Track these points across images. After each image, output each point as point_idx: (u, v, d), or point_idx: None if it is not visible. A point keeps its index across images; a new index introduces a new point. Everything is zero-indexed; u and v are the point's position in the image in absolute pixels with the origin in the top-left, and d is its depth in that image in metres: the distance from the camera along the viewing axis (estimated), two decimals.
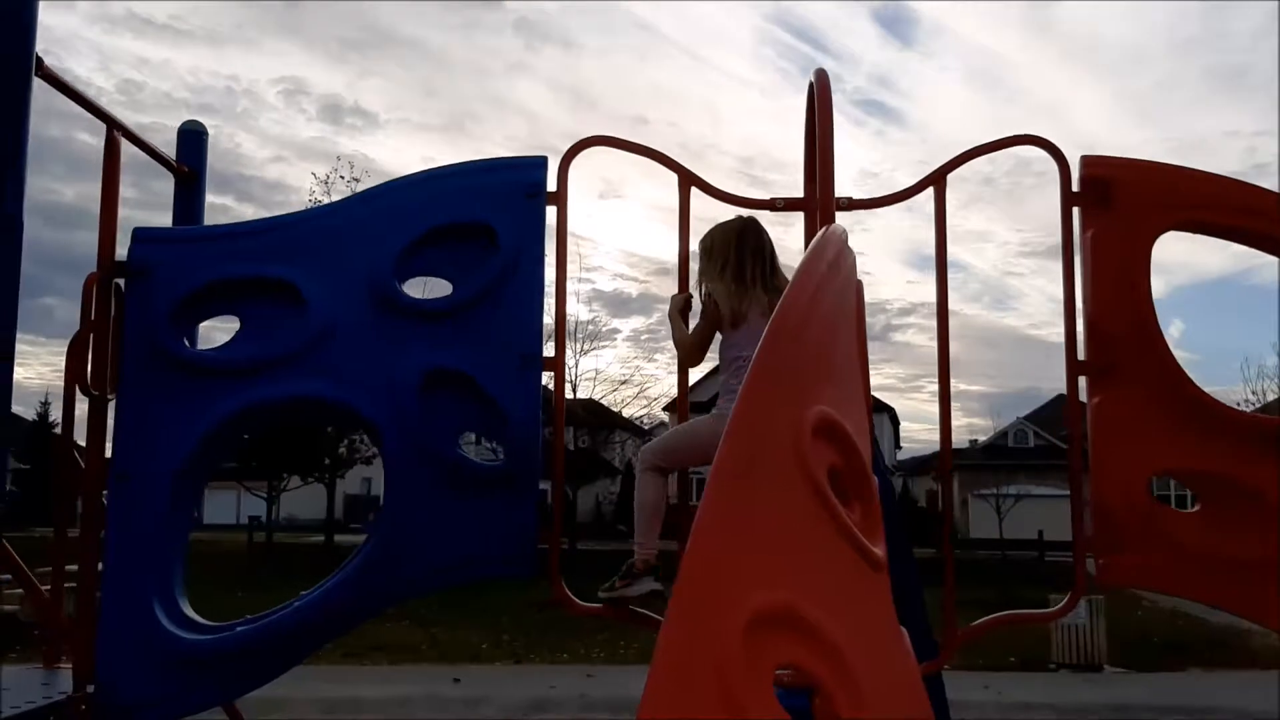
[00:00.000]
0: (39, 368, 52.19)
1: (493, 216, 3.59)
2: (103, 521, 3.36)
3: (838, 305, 2.57)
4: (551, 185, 3.69)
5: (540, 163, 3.67)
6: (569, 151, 3.73)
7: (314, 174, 24.52)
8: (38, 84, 3.04)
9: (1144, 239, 3.65)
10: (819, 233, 2.81)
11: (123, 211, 3.52)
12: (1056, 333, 3.76)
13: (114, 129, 3.47)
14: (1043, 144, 3.74)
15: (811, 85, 3.46)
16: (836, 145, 3.23)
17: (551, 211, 3.69)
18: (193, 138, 4.08)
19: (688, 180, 3.79)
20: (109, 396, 3.39)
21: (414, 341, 3.50)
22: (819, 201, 3.20)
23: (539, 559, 3.52)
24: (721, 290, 3.66)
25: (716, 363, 3.80)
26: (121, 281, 3.44)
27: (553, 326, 3.76)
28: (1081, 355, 3.63)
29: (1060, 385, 3.83)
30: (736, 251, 3.67)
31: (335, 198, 23.72)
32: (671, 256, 3.89)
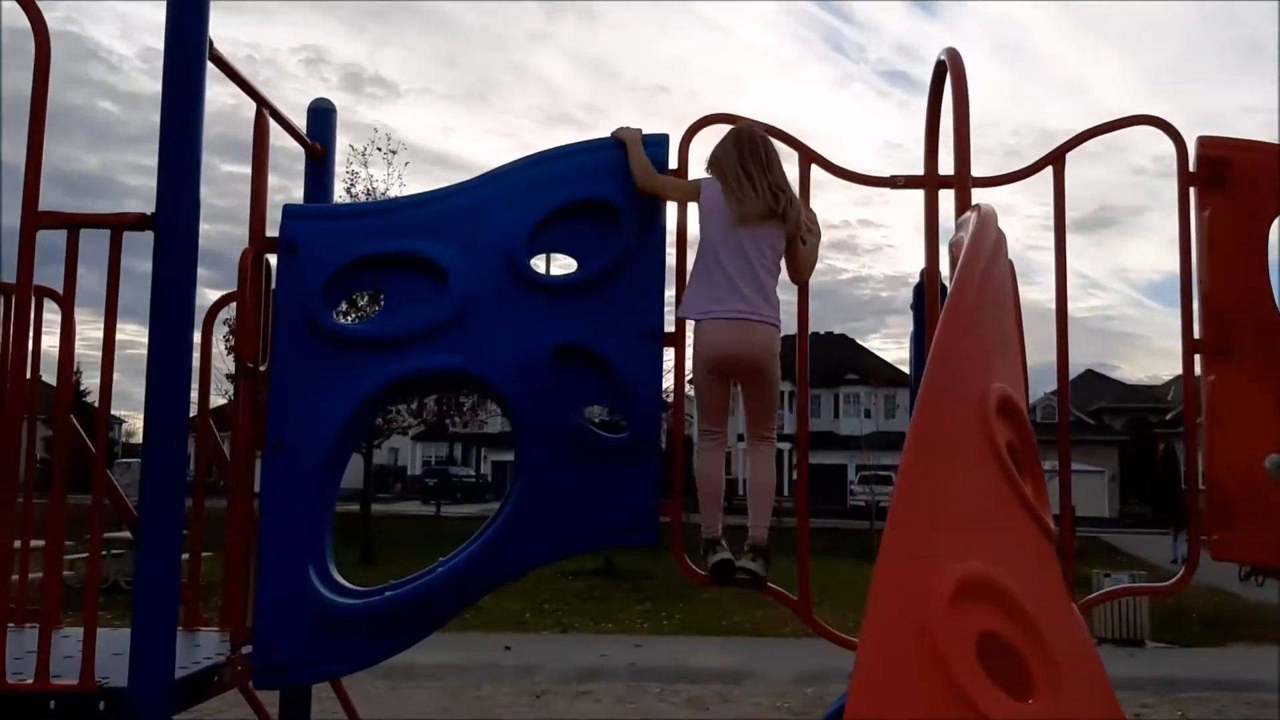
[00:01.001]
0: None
1: (616, 194, 3.67)
2: (252, 489, 3.47)
3: (1002, 282, 2.64)
4: (673, 162, 3.76)
5: (662, 140, 3.74)
6: (691, 128, 3.80)
7: (351, 145, 24.43)
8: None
9: (1261, 219, 3.69)
10: (971, 211, 2.87)
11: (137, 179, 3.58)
12: (1082, 307, 3.86)
13: (263, 108, 3.56)
14: (1161, 124, 3.78)
15: (941, 63, 3.51)
16: (858, 116, 3.27)
17: None
18: (322, 115, 4.16)
19: (808, 157, 3.84)
20: (261, 367, 3.51)
21: (544, 317, 3.59)
22: (956, 179, 3.26)
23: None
24: (729, 187, 3.63)
25: None
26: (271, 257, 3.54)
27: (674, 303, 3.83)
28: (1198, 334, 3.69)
29: (1086, 360, 3.93)
30: (736, 153, 3.67)
31: (372, 169, 23.91)
32: None
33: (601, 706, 9.00)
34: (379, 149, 24.32)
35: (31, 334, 3.52)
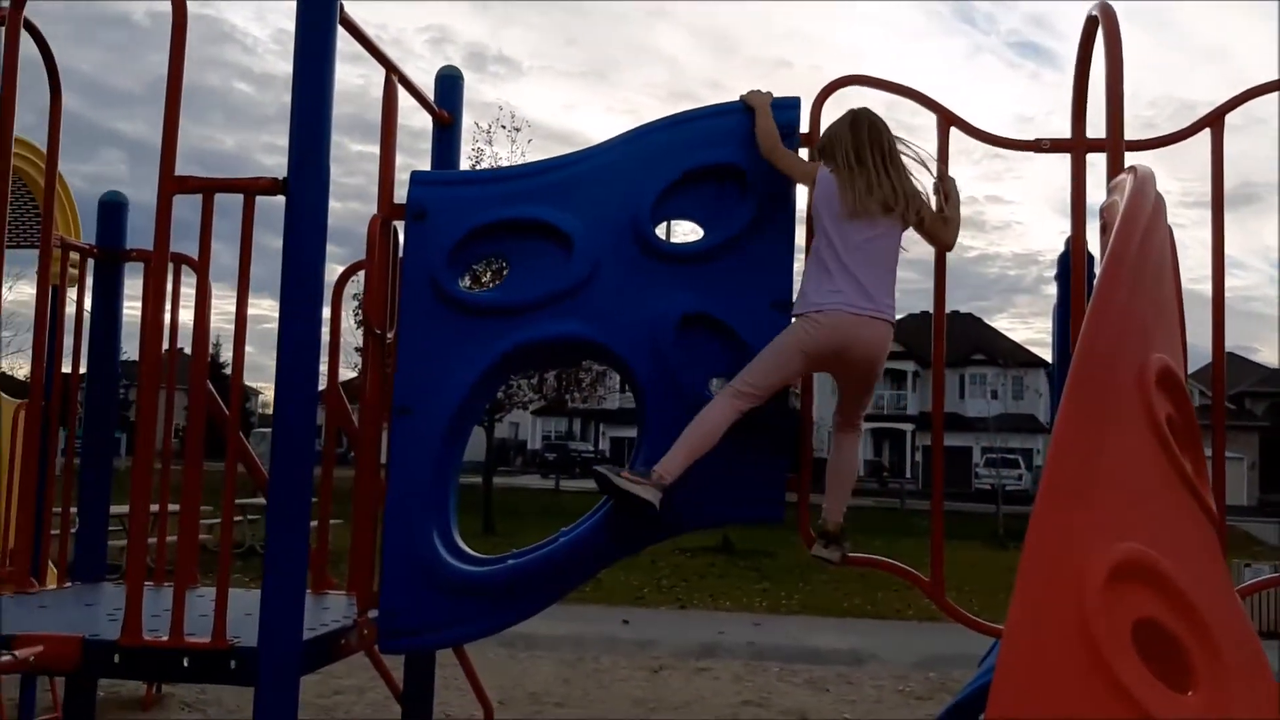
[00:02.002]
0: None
1: (745, 159, 3.57)
2: (377, 454, 3.50)
3: (1162, 247, 2.47)
4: (804, 126, 3.65)
5: (794, 103, 3.63)
6: (823, 91, 3.68)
7: (476, 123, 24.77)
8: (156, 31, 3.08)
9: None
10: (1127, 173, 2.69)
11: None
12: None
13: (392, 74, 3.56)
14: None
15: (1091, 18, 3.31)
16: (988, 89, 3.09)
17: (804, 153, 3.65)
18: (449, 83, 4.15)
19: (946, 120, 3.69)
20: (388, 334, 3.53)
21: (670, 285, 3.52)
22: (1108, 141, 3.07)
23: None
24: (843, 177, 3.45)
25: None
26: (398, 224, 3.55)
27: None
28: None
29: (1226, 343, 3.67)
30: (852, 137, 3.49)
31: (497, 147, 24.20)
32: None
33: (720, 684, 8.97)
34: (503, 126, 24.59)
35: (169, 301, 3.61)
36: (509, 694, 8.13)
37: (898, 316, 3.49)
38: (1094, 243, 3.69)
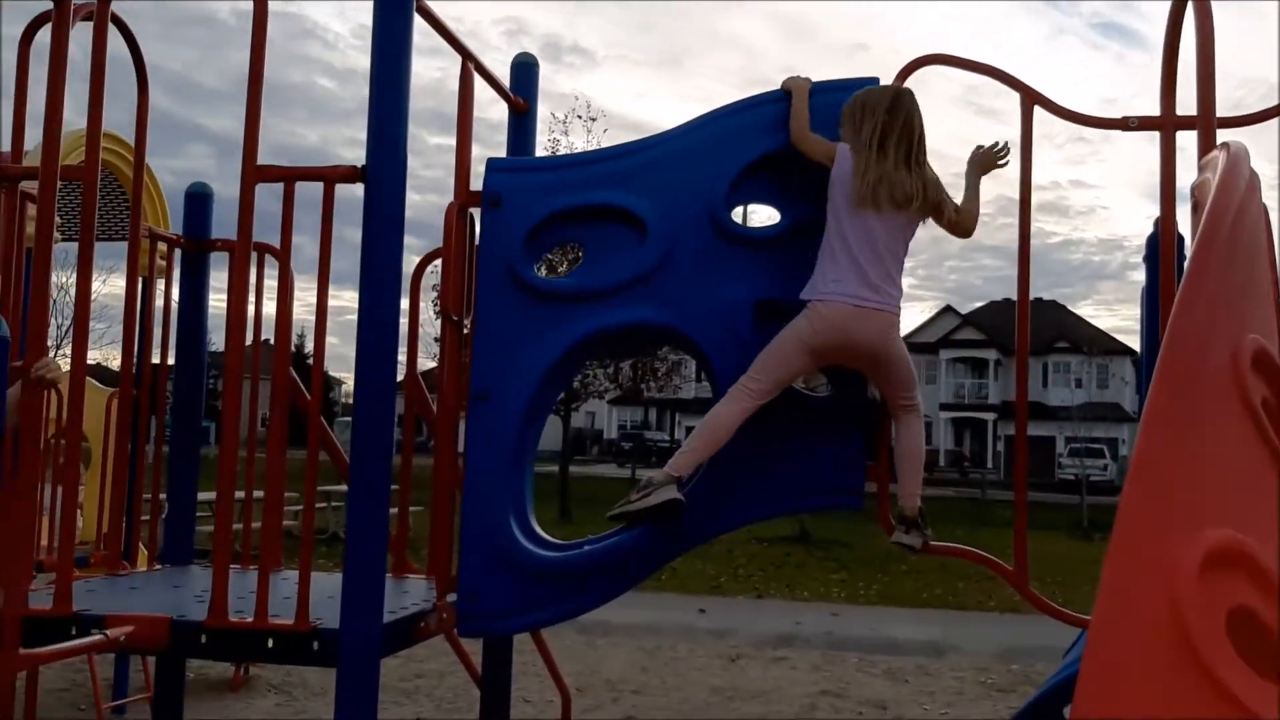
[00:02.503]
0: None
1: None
2: (455, 440, 3.53)
3: (1256, 226, 2.39)
4: None
5: (870, 84, 3.57)
6: (903, 71, 3.61)
7: (552, 114, 24.89)
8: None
9: None
10: (1219, 150, 2.61)
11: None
12: None
13: (468, 62, 3.58)
14: None
15: None
16: (1071, 71, 2.99)
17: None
18: (525, 70, 4.17)
19: (1030, 98, 3.60)
20: (464, 320, 3.56)
21: (745, 270, 3.50)
22: (1199, 118, 2.98)
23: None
24: (858, 151, 3.37)
25: None
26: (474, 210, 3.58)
27: None
28: None
29: None
30: (886, 119, 3.38)
31: (573, 137, 24.29)
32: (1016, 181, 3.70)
33: (798, 674, 8.91)
34: (579, 116, 24.66)
35: (253, 290, 3.68)
36: (586, 681, 8.17)
37: (977, 304, 3.48)
38: (1184, 224, 3.59)
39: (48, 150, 2.69)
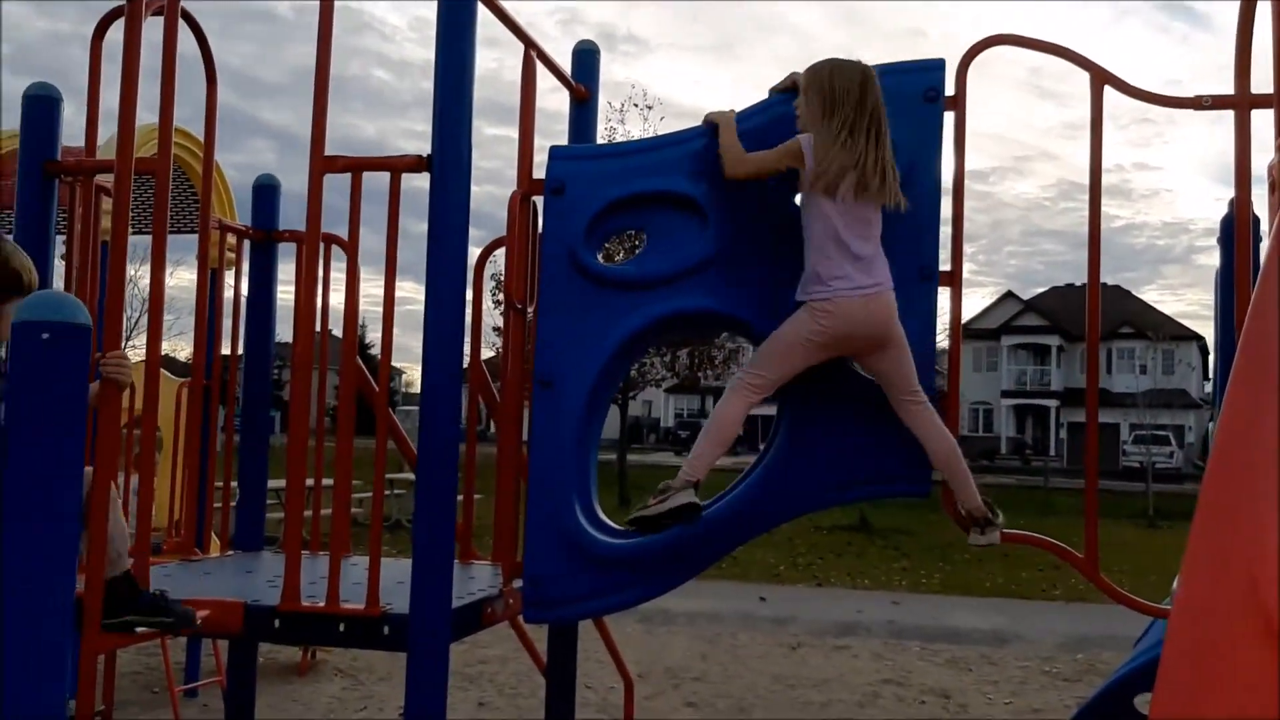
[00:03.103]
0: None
1: (889, 124, 3.49)
2: (520, 427, 3.56)
3: None
4: (949, 89, 3.54)
5: (938, 65, 3.52)
6: (969, 52, 3.56)
7: (609, 103, 24.92)
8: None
9: None
10: None
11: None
12: None
13: (530, 49, 3.60)
14: None
15: None
16: (1135, 54, 2.93)
17: (949, 117, 3.55)
18: (586, 57, 4.18)
19: (1100, 78, 3.53)
20: (528, 308, 3.58)
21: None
22: (1276, 96, 2.91)
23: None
24: (826, 141, 3.26)
25: None
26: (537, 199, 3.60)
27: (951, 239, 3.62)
28: None
29: None
30: (859, 102, 3.28)
31: (630, 126, 24.29)
32: (1079, 165, 3.63)
33: (859, 662, 8.88)
34: (635, 105, 24.64)
35: (321, 281, 3.72)
36: (647, 668, 8.20)
37: (1039, 289, 3.38)
38: (1259, 205, 3.51)
39: (123, 143, 2.74)
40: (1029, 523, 3.54)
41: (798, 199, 3.45)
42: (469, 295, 3.67)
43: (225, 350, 4.48)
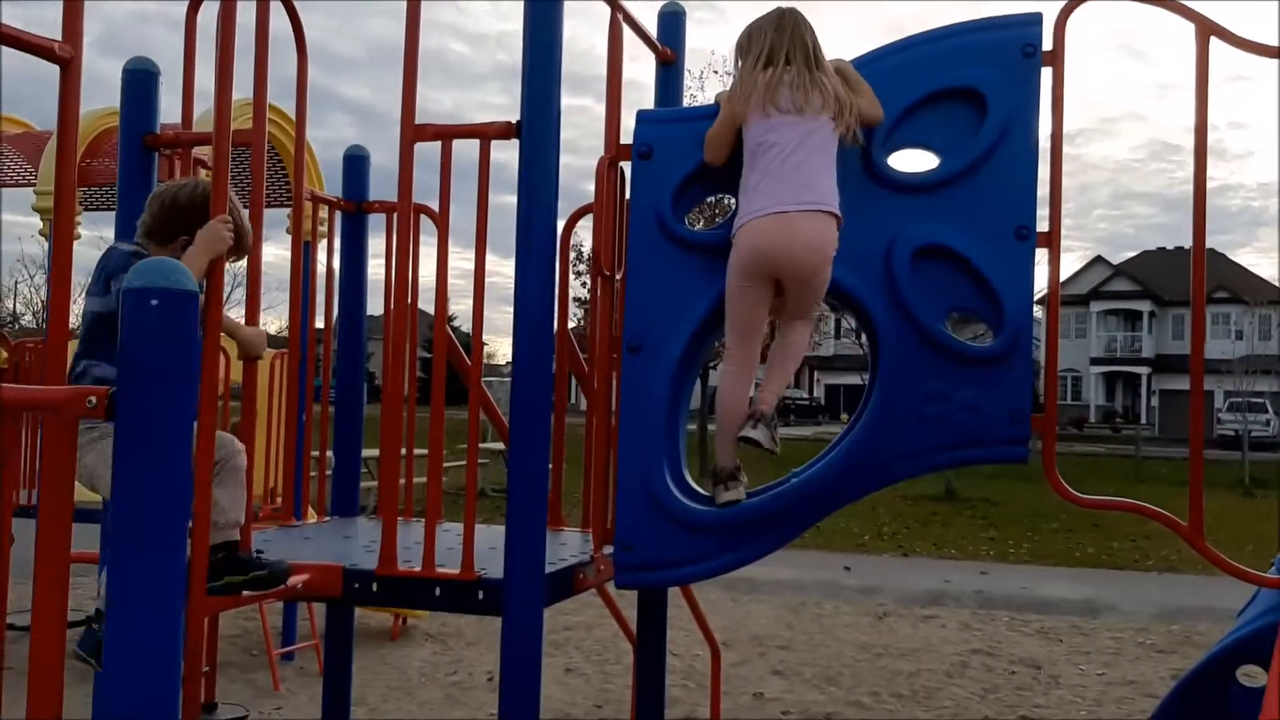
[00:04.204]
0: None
1: (983, 80, 3.41)
2: (609, 394, 3.56)
3: None
4: (1046, 44, 3.44)
5: (1035, 19, 3.42)
6: (1069, 5, 3.44)
7: (689, 69, 24.73)
8: None
9: None
10: None
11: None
12: None
13: (616, 12, 3.57)
14: None
15: None
16: (1233, 5, 2.75)
17: (1046, 73, 3.45)
18: (671, 20, 4.12)
19: (1205, 29, 3.40)
20: (616, 275, 3.57)
21: (903, 217, 3.42)
22: None
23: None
24: (744, 72, 3.39)
25: None
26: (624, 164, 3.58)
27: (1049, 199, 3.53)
28: None
29: None
30: (775, 33, 3.38)
31: (709, 92, 24.10)
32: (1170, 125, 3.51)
33: (947, 632, 8.79)
34: (715, 71, 24.44)
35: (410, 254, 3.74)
36: (732, 636, 8.20)
37: (1129, 254, 3.27)
38: None
39: (220, 115, 2.78)
40: (1121, 492, 3.45)
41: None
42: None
43: (319, 322, 4.55)
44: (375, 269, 4.41)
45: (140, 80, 3.37)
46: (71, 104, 2.17)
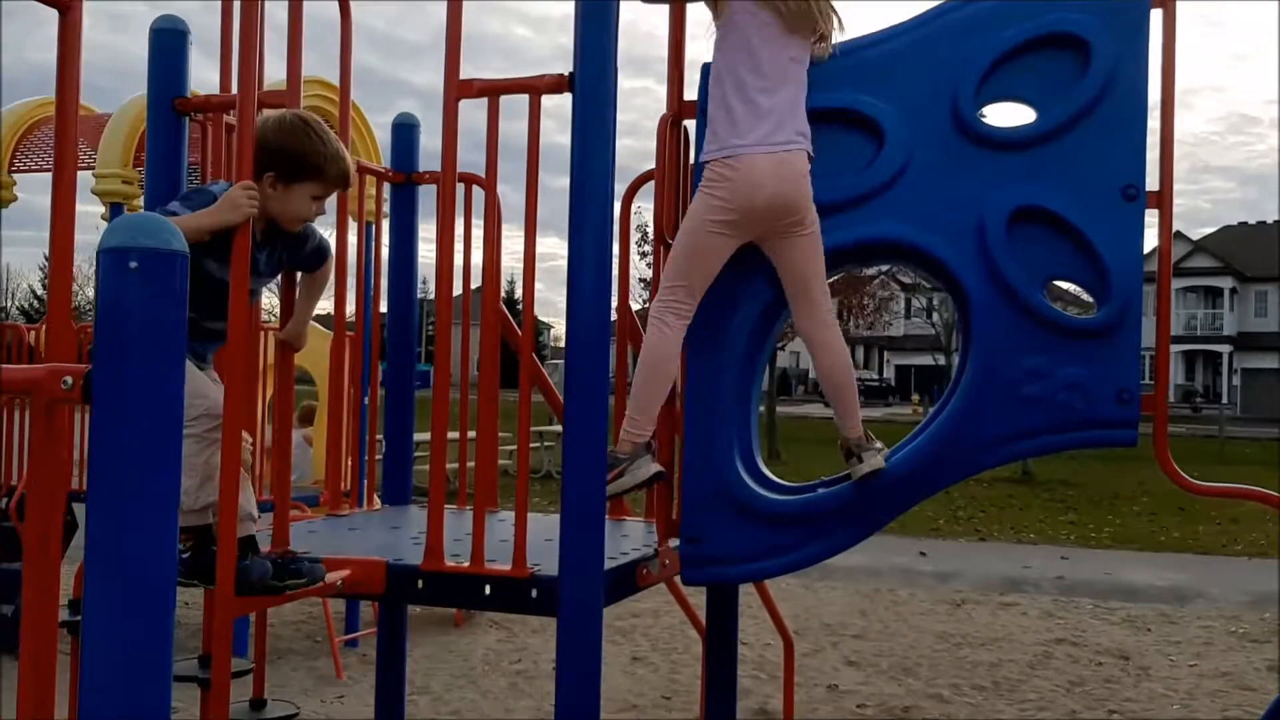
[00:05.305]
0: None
1: (1085, 25, 3.07)
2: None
3: None
4: None
5: None
6: None
7: None
8: None
9: None
10: None
11: None
12: None
13: None
14: None
15: None
16: None
17: (1156, 17, 3.10)
18: None
19: None
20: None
21: (997, 176, 3.09)
22: None
23: None
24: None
25: None
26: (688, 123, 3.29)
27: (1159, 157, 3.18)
28: None
29: None
30: None
31: None
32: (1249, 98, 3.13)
33: (1028, 620, 8.46)
34: None
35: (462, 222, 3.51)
36: (804, 624, 7.98)
37: (1208, 229, 2.93)
38: None
39: (244, 78, 2.57)
40: (1204, 475, 3.18)
41: None
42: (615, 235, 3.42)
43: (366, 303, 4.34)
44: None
45: (167, 39, 3.14)
46: (72, 52, 1.95)
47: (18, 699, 1.71)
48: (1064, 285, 3.34)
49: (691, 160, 3.24)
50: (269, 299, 9.91)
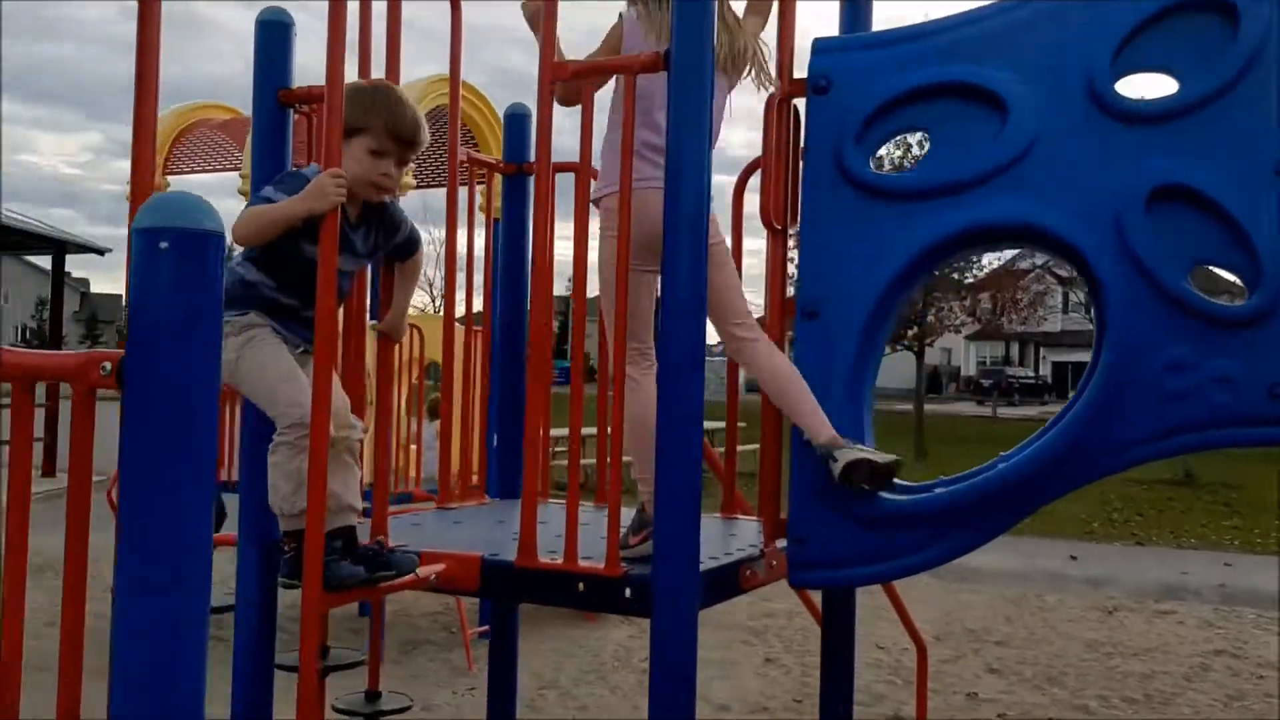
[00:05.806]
0: None
1: None
2: None
3: None
4: None
5: None
6: None
7: None
8: None
9: None
10: None
11: None
12: None
13: None
14: None
15: None
16: None
17: None
18: None
19: None
20: (790, 230, 3.14)
21: (1135, 152, 2.84)
22: None
23: None
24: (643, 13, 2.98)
25: None
26: (798, 102, 3.13)
27: None
28: None
29: None
30: None
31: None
32: None
33: (1186, 629, 7.97)
34: None
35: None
36: (944, 629, 7.68)
37: None
38: None
39: (332, 66, 2.54)
40: None
41: None
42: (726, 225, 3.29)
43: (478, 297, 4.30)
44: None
45: (273, 31, 3.15)
46: (151, 35, 1.92)
47: (58, 684, 1.69)
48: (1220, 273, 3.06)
49: (802, 143, 3.08)
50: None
